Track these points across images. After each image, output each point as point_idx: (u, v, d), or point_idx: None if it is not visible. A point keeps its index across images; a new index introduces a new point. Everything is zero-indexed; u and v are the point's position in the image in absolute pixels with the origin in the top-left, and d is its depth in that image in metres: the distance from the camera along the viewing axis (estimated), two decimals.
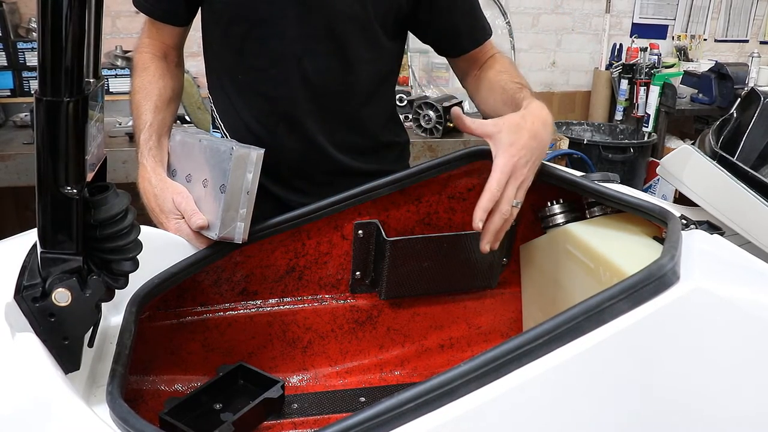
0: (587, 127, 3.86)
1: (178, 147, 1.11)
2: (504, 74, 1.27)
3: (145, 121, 1.13)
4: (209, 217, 1.01)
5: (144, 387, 1.09)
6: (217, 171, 1.00)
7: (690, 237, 0.94)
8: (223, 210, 0.99)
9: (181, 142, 1.10)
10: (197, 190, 1.04)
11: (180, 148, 1.10)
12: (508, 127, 1.01)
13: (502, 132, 1.00)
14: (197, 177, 1.05)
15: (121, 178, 2.33)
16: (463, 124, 1.02)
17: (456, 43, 1.33)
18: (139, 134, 1.13)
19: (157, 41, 1.25)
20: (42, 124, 0.72)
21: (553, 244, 1.18)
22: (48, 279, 0.77)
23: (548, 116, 1.08)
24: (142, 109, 1.15)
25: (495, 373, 0.72)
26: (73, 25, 0.69)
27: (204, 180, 1.03)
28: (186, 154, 1.08)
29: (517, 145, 1.00)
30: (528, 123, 1.03)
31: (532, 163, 1.02)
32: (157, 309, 1.09)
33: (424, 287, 1.24)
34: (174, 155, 1.11)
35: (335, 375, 1.24)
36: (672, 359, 0.82)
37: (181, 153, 1.10)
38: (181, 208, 1.03)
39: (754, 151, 1.46)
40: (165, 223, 1.05)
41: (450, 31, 1.31)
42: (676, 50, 4.17)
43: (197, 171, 1.05)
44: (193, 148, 1.06)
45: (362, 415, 0.69)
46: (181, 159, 1.10)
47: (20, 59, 2.70)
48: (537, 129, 1.03)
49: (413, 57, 3.17)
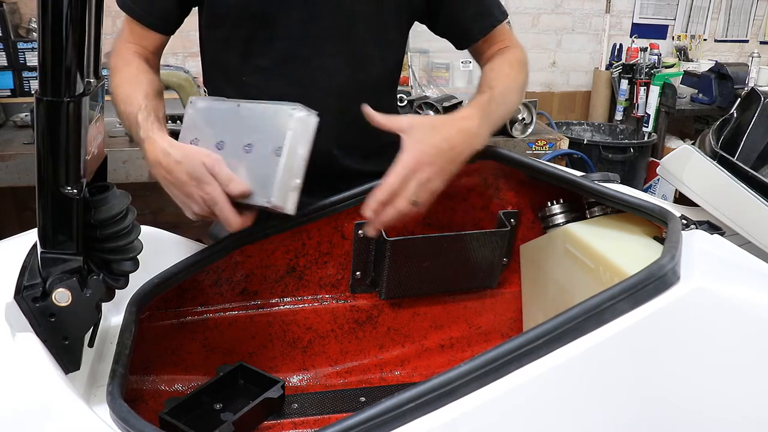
0: (587, 127, 3.86)
1: (200, 115, 1.01)
2: (492, 72, 1.23)
3: (139, 104, 1.03)
4: (252, 185, 0.92)
5: (144, 387, 1.09)
6: (270, 133, 0.92)
7: (690, 237, 0.94)
8: (282, 173, 0.91)
9: (206, 108, 1.01)
10: (234, 156, 0.94)
11: (204, 116, 1.01)
12: (421, 124, 1.00)
13: (414, 128, 0.99)
14: (235, 143, 0.95)
15: (121, 178, 2.33)
16: (373, 119, 1.01)
17: (465, 31, 1.30)
18: (134, 116, 1.02)
19: (137, 45, 1.20)
20: (42, 124, 0.72)
21: (553, 244, 1.18)
22: (48, 279, 0.77)
23: (472, 126, 1.04)
24: (132, 97, 1.05)
25: (495, 373, 0.72)
26: (73, 25, 0.70)
27: (247, 145, 0.94)
28: (215, 120, 0.99)
29: (425, 143, 0.98)
30: (444, 126, 1.02)
31: (440, 167, 0.99)
32: (157, 309, 1.09)
33: (424, 287, 1.24)
34: (194, 124, 1.01)
35: (335, 375, 1.24)
36: (672, 359, 0.82)
37: (205, 120, 1.00)
38: (214, 172, 0.92)
39: (754, 151, 1.46)
40: (195, 193, 0.93)
41: (458, 19, 1.28)
42: (676, 50, 4.17)
43: (235, 136, 0.95)
44: (227, 113, 0.98)
45: (362, 415, 0.69)
46: (205, 127, 1.00)
47: (20, 59, 2.70)
48: (451, 134, 1.01)
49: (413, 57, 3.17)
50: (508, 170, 1.25)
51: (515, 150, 2.32)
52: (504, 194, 1.28)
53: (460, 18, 1.27)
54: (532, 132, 2.71)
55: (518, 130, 2.68)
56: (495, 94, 1.14)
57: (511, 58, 1.25)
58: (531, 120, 2.70)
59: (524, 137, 2.70)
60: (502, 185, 1.27)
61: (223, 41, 1.23)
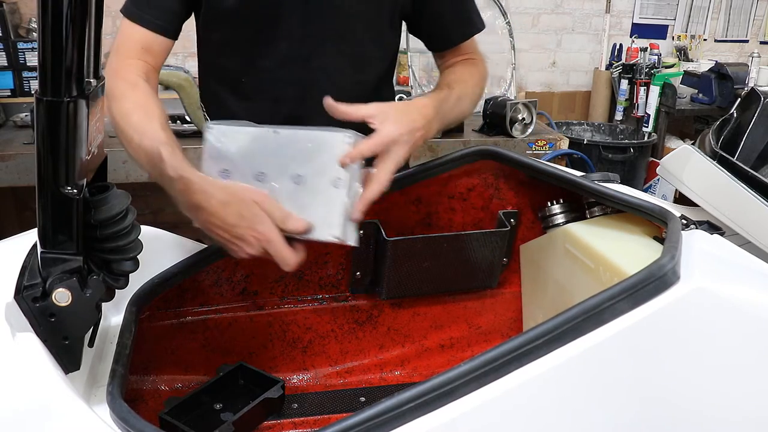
0: (587, 127, 3.86)
1: (226, 142, 0.92)
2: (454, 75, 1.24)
3: (159, 138, 0.94)
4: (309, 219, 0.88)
5: (144, 387, 1.09)
6: (324, 163, 0.87)
7: (690, 237, 0.94)
8: (345, 206, 0.87)
9: (232, 134, 0.92)
10: (281, 188, 0.89)
11: (232, 143, 0.92)
12: (391, 108, 1.00)
13: (384, 113, 0.98)
14: (279, 173, 0.89)
15: (121, 178, 2.33)
16: (338, 110, 0.99)
17: (445, 35, 1.32)
18: (154, 151, 0.92)
19: (139, 61, 1.13)
20: (42, 124, 0.72)
21: (553, 244, 1.18)
22: (48, 279, 0.77)
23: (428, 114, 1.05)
24: (148, 129, 0.96)
25: (495, 373, 0.72)
26: (73, 25, 0.69)
27: (296, 176, 0.89)
28: (247, 148, 0.91)
29: (401, 123, 0.98)
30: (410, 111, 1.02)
31: (410, 147, 0.99)
32: (158, 309, 1.09)
33: (424, 287, 1.24)
34: (219, 154, 0.92)
35: (335, 375, 1.24)
36: (672, 359, 0.82)
37: (235, 149, 0.92)
38: (267, 210, 0.87)
39: (754, 151, 1.46)
40: (247, 234, 0.87)
41: (440, 22, 1.30)
42: (676, 50, 4.16)
43: (278, 166, 0.89)
44: (262, 140, 0.91)
45: (362, 415, 0.69)
46: (236, 157, 0.92)
47: (20, 59, 2.70)
48: (417, 118, 1.01)
49: (413, 57, 3.17)
50: (508, 170, 1.25)
51: (515, 150, 2.32)
52: (504, 194, 1.28)
53: (442, 21, 1.29)
54: (532, 132, 2.71)
55: (518, 130, 2.68)
56: (452, 95, 1.16)
57: (474, 70, 1.27)
58: (531, 120, 2.70)
59: (524, 137, 2.70)
60: (502, 185, 1.27)
61: (223, 43, 1.22)
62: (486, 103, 2.73)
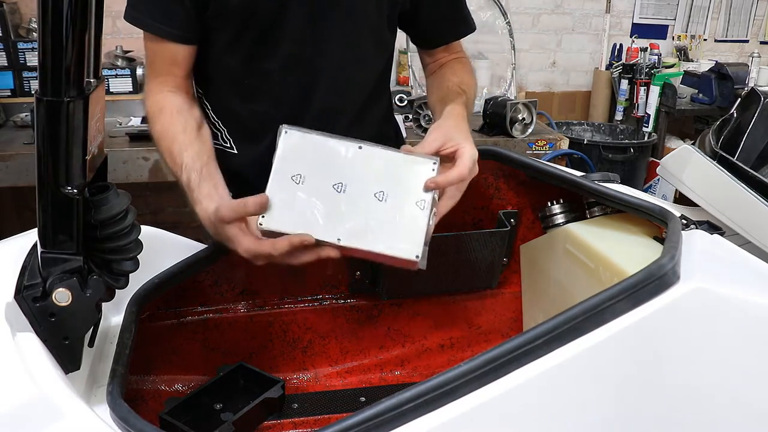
0: (587, 127, 3.86)
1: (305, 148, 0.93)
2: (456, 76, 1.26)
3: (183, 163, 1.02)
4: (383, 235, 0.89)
5: (144, 387, 1.09)
6: (409, 184, 0.91)
7: (690, 237, 0.94)
8: (427, 228, 0.89)
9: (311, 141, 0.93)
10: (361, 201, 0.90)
11: (311, 150, 0.93)
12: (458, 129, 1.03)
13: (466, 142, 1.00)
14: (361, 187, 0.91)
15: (121, 178, 2.33)
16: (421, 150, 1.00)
17: (439, 33, 1.32)
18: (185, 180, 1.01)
19: (166, 76, 1.17)
20: (42, 124, 0.72)
21: (553, 244, 1.18)
22: (48, 279, 0.77)
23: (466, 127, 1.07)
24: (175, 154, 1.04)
25: (495, 373, 0.72)
26: (73, 25, 0.69)
27: (379, 192, 0.91)
28: (326, 157, 0.92)
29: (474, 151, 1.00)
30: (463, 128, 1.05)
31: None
32: (158, 309, 1.09)
33: (424, 287, 1.24)
34: (295, 157, 0.93)
35: (335, 375, 1.24)
36: (672, 359, 0.82)
37: (313, 155, 0.92)
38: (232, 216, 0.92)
39: (754, 151, 1.46)
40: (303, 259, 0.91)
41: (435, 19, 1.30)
42: (676, 50, 4.16)
43: (360, 180, 0.91)
44: (344, 152, 0.92)
45: (362, 415, 0.69)
46: (314, 163, 0.92)
47: (20, 59, 2.69)
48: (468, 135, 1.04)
49: (413, 57, 3.17)
50: (508, 170, 1.25)
51: (515, 150, 2.32)
52: (504, 194, 1.28)
53: (437, 19, 1.30)
54: (532, 132, 2.71)
55: (518, 130, 2.68)
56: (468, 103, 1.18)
57: (470, 70, 1.30)
58: (531, 120, 2.70)
59: (524, 137, 2.69)
60: (502, 185, 1.27)
61: (227, 44, 1.22)
62: (486, 103, 2.73)
